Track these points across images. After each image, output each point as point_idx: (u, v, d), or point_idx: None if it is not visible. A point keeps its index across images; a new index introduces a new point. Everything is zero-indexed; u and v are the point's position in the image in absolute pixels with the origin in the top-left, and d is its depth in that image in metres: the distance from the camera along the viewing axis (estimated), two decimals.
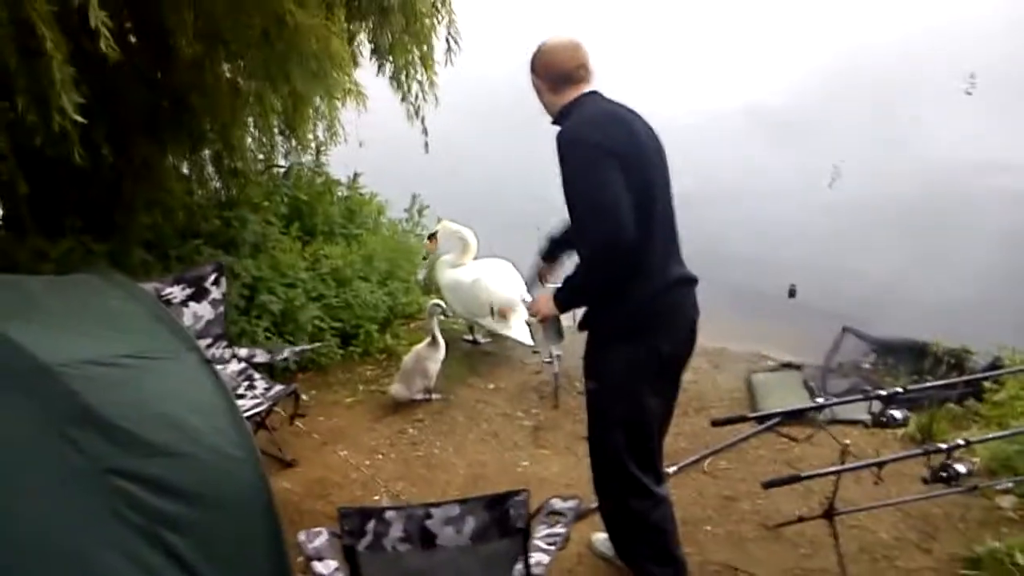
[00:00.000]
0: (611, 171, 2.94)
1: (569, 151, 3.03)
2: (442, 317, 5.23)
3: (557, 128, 3.15)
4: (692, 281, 3.27)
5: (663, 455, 3.44)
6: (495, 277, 5.61)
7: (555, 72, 3.22)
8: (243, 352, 4.76)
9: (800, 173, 9.92)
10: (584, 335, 3.28)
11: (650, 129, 3.21)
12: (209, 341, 4.62)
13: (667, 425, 3.44)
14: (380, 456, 4.66)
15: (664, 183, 3.18)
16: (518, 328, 5.51)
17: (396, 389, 5.14)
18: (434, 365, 5.13)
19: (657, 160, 3.17)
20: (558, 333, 3.42)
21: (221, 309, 4.71)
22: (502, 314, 5.48)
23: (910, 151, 10.36)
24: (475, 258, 5.77)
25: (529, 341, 5.51)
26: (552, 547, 2.98)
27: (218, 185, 6.49)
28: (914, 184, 9.43)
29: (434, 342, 5.09)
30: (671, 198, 3.22)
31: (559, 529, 3.07)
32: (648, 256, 3.05)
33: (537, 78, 3.27)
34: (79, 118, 3.70)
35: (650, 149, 3.15)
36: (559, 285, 3.28)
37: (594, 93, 3.22)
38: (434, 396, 5.21)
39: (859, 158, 10.13)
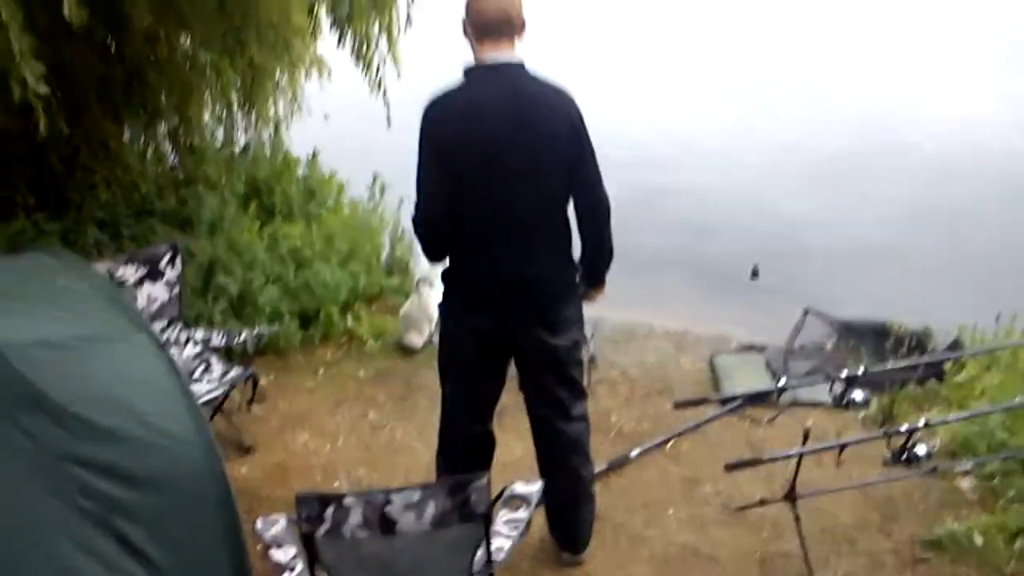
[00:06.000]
0: (434, 165, 3.08)
1: (421, 124, 3.10)
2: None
3: None
4: (530, 287, 3.24)
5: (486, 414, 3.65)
6: None
7: (479, 21, 3.06)
8: (199, 335, 4.64)
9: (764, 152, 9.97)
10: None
11: (544, 118, 3.08)
12: (164, 324, 4.50)
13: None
14: (341, 441, 4.59)
15: (519, 185, 3.10)
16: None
17: (411, 338, 5.35)
18: (434, 311, 5.21)
19: (517, 161, 3.08)
20: None
21: (176, 291, 4.59)
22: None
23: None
24: None
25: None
26: (514, 532, 2.95)
27: (174, 162, 6.36)
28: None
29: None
30: (536, 198, 3.16)
31: (521, 514, 3.03)
32: (468, 248, 3.21)
33: (467, 24, 3.11)
34: (43, 88, 3.57)
35: (505, 150, 3.06)
36: None
37: (502, 68, 3.07)
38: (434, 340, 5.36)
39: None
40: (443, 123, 3.08)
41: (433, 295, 5.35)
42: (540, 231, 3.23)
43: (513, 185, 3.12)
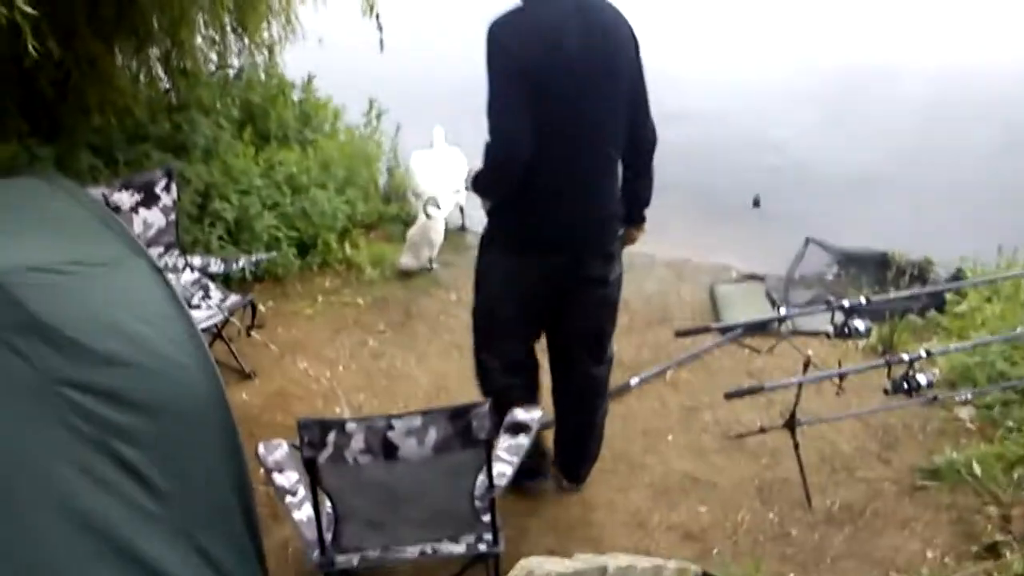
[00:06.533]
0: (518, 92, 2.87)
1: (490, 54, 2.89)
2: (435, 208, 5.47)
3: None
4: (602, 219, 3.17)
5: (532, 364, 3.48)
6: (427, 165, 5.73)
7: None
8: (197, 261, 4.61)
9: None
10: None
11: (613, 39, 2.99)
12: (161, 250, 4.47)
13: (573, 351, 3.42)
14: (341, 368, 4.59)
15: (596, 107, 2.98)
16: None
17: (406, 260, 5.47)
18: (438, 236, 5.44)
19: (594, 82, 2.95)
20: None
21: (173, 216, 4.55)
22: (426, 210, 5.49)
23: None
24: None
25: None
26: (515, 458, 2.96)
27: (167, 86, 6.24)
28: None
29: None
30: (609, 121, 3.05)
31: (522, 440, 3.05)
32: (545, 179, 2.97)
33: None
34: (29, 9, 3.46)
35: (584, 71, 2.93)
36: None
37: None
38: (435, 265, 5.52)
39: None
40: (522, 45, 2.88)
41: (440, 217, 5.42)
42: (613, 160, 3.14)
43: (596, 108, 2.99)
